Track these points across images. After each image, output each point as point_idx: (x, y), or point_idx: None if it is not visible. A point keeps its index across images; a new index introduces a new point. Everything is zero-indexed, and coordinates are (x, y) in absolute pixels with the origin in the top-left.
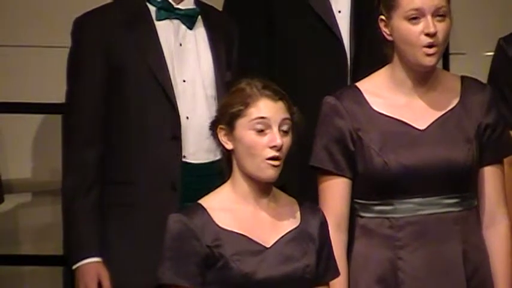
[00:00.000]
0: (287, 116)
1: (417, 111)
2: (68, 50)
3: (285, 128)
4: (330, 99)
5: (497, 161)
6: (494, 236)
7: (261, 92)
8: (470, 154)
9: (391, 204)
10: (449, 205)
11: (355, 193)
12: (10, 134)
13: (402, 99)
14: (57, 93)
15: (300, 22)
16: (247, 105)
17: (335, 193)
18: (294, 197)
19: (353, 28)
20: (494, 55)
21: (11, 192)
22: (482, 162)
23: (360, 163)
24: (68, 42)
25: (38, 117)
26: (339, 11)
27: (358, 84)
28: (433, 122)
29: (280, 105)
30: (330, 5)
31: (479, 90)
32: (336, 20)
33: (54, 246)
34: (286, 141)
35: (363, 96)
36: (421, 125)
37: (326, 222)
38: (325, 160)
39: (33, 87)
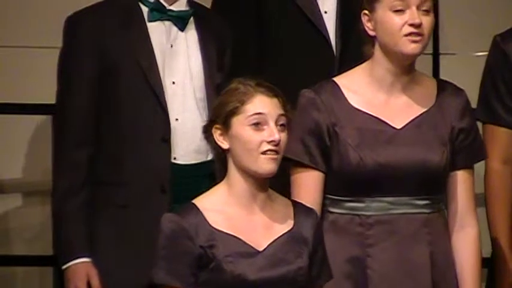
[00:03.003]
0: (282, 112)
1: (394, 110)
2: None
3: (281, 123)
4: (307, 92)
5: (468, 166)
6: (463, 241)
7: (256, 89)
8: (445, 157)
9: (363, 202)
10: (419, 206)
11: (327, 188)
12: (2, 134)
13: (379, 96)
14: (53, 94)
15: (289, 22)
16: (243, 102)
17: (308, 186)
18: (288, 198)
19: (339, 28)
20: (489, 51)
21: (2, 193)
22: (454, 166)
23: (335, 158)
24: None
25: (28, 118)
26: (325, 12)
27: (336, 79)
28: (409, 122)
29: (275, 101)
30: (317, 6)
31: (454, 94)
32: (323, 20)
33: (45, 247)
34: (283, 136)
35: (341, 91)
36: (397, 124)
37: (320, 224)
38: (300, 152)
39: (29, 88)
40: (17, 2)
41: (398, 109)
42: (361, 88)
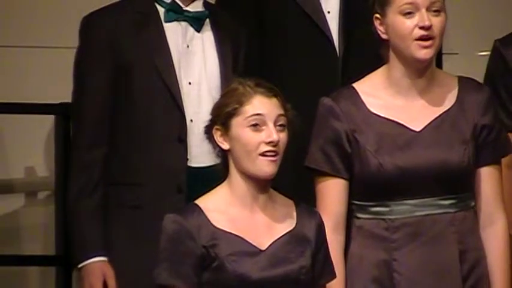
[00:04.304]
0: (282, 112)
1: (413, 113)
2: (67, 50)
3: (280, 123)
4: (326, 101)
5: (494, 161)
6: (491, 236)
7: (255, 90)
8: (466, 155)
9: (387, 206)
10: (445, 206)
11: (352, 194)
12: (5, 134)
13: (398, 100)
14: (56, 93)
15: (291, 22)
16: (242, 103)
17: (332, 194)
18: (290, 198)
19: (342, 28)
20: (490, 57)
21: (6, 192)
22: (479, 162)
23: (356, 164)
24: (67, 42)
25: (33, 118)
26: (328, 12)
27: (354, 85)
28: (429, 124)
29: (274, 101)
30: (320, 6)
31: (476, 90)
32: (326, 20)
33: (48, 247)
34: (283, 137)
35: (360, 97)
36: (417, 127)
37: (323, 224)
38: (322, 161)
39: (32, 87)
40: (26, 2)
41: (418, 111)
42: (379, 93)
